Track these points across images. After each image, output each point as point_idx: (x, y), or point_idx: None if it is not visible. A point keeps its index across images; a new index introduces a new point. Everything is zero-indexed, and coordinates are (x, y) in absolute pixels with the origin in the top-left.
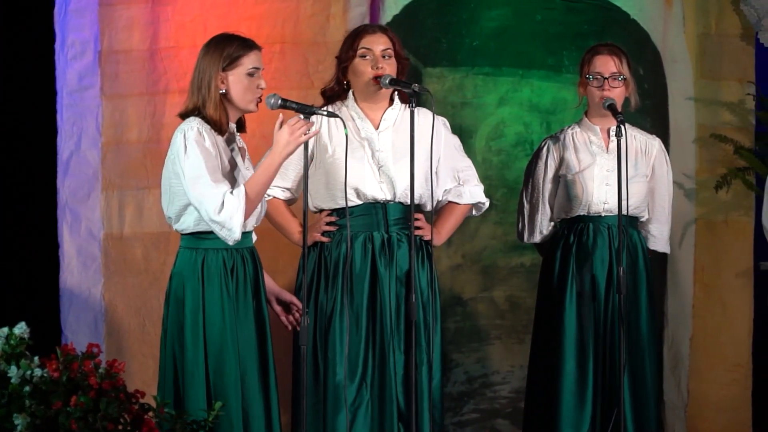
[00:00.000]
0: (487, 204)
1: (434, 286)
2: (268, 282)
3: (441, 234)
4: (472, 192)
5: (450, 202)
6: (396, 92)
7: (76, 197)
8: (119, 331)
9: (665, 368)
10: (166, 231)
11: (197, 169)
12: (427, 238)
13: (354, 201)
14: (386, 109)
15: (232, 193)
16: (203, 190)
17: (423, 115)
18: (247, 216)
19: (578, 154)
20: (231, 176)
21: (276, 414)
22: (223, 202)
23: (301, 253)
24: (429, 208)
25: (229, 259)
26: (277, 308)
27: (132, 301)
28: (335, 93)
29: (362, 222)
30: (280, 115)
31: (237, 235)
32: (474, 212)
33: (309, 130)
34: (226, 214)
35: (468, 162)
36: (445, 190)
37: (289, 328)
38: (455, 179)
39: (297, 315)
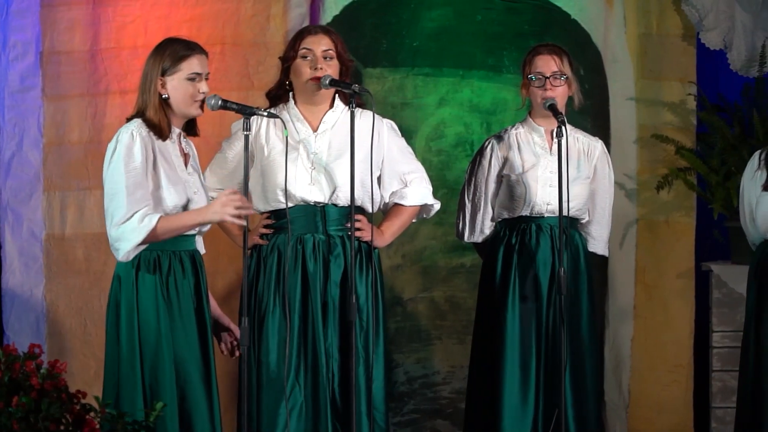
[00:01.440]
0: (437, 206)
1: (377, 287)
2: (212, 302)
3: (384, 236)
4: (419, 193)
5: (396, 204)
6: (338, 94)
7: (17, 198)
8: (61, 332)
9: (606, 368)
10: None
11: (116, 184)
12: (366, 239)
13: (289, 203)
14: (326, 111)
15: (142, 215)
16: (115, 202)
17: (364, 117)
18: (145, 243)
19: (522, 155)
20: (162, 183)
21: (218, 414)
22: (128, 219)
23: (243, 255)
24: (370, 210)
25: (165, 261)
26: (217, 332)
27: (73, 301)
28: (278, 95)
29: (300, 224)
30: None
31: (121, 256)
32: (424, 215)
33: (241, 214)
34: (121, 232)
35: (416, 165)
36: (392, 192)
37: (224, 353)
38: (401, 181)
39: (232, 342)
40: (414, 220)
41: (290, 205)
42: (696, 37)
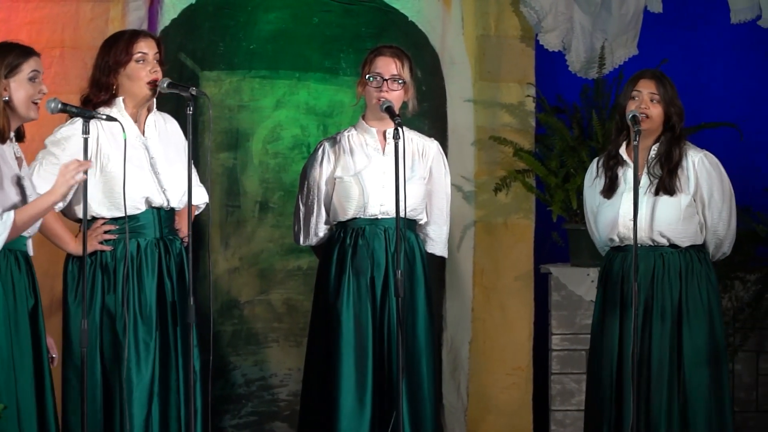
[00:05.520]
0: (204, 205)
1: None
2: None
3: (186, 234)
4: (201, 193)
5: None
6: (154, 99)
7: None
8: None
9: (444, 371)
10: None
11: None
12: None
13: (138, 208)
14: (147, 116)
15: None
16: None
17: (170, 121)
18: (8, 240)
19: (354, 157)
20: (4, 185)
21: (51, 417)
22: None
23: (83, 259)
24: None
25: (2, 259)
26: None
27: None
28: (102, 100)
29: (141, 228)
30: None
31: None
32: (196, 212)
33: (81, 172)
34: None
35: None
36: (183, 192)
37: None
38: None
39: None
40: None
41: (141, 208)
42: (534, 39)
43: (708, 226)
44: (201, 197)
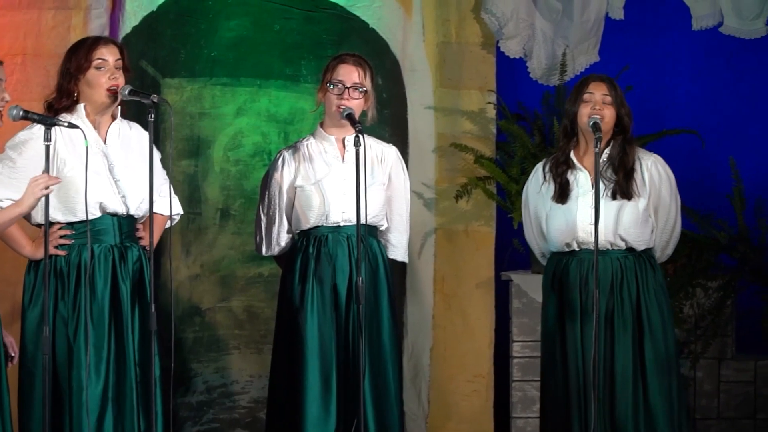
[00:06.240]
0: (181, 213)
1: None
2: None
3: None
4: (175, 204)
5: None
6: (118, 106)
7: None
8: None
9: (405, 378)
10: None
11: None
12: (144, 243)
13: (94, 214)
14: (110, 123)
15: None
16: None
17: (136, 129)
18: None
19: (314, 165)
20: None
21: (8, 423)
22: None
23: (43, 265)
24: (142, 219)
25: None
26: None
27: None
28: (64, 106)
29: (98, 234)
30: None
31: None
32: (169, 223)
33: (49, 186)
34: None
35: (164, 173)
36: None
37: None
38: (157, 191)
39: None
40: None
41: (98, 215)
42: (496, 46)
43: (658, 229)
44: (175, 208)
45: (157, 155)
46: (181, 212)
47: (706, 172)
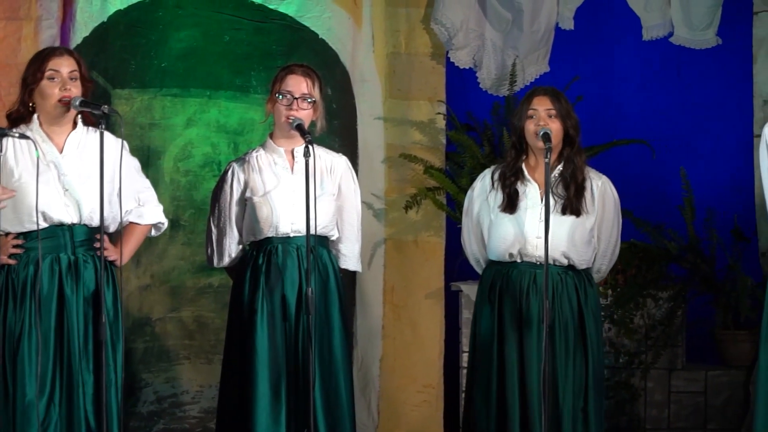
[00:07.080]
0: (166, 224)
1: (117, 305)
2: None
3: (124, 255)
4: (153, 212)
5: (131, 222)
6: (79, 115)
7: None
8: None
9: (355, 389)
10: None
11: None
12: (112, 258)
13: (41, 224)
14: (70, 132)
15: None
16: None
17: (106, 138)
18: None
19: (263, 176)
20: None
21: None
22: None
23: None
24: (112, 229)
25: None
26: None
27: None
28: (21, 116)
29: (49, 244)
30: None
31: None
32: (153, 232)
33: (2, 200)
34: None
35: (147, 183)
36: (126, 210)
37: None
38: (135, 200)
39: None
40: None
41: (46, 225)
42: (445, 56)
43: (600, 250)
44: (157, 216)
45: (135, 163)
46: (165, 221)
47: (657, 182)
